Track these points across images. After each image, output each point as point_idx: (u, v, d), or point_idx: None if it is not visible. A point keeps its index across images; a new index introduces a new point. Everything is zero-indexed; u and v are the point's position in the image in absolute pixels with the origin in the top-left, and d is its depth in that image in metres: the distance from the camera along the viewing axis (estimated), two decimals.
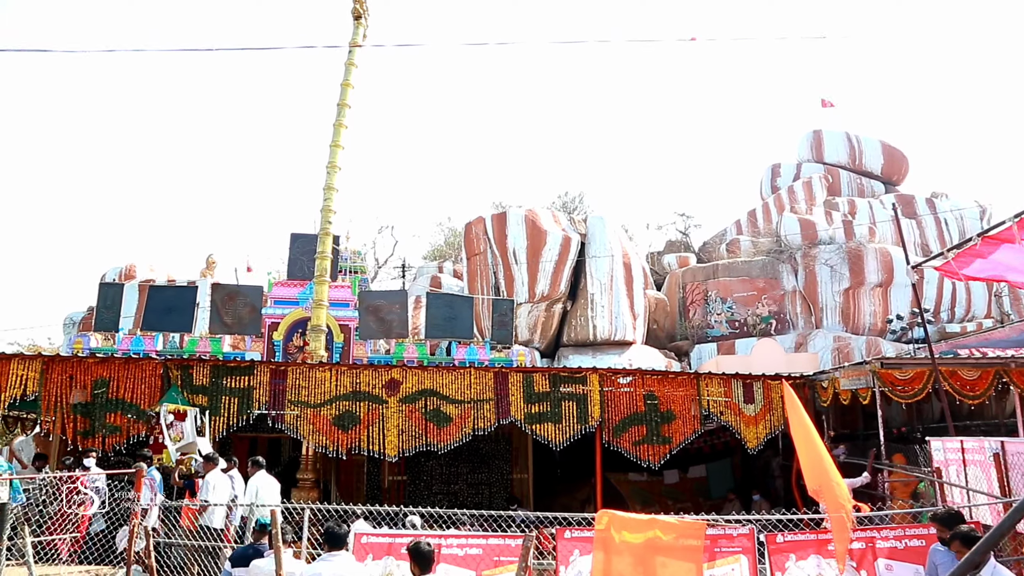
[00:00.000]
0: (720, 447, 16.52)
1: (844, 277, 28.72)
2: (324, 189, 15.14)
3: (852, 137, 39.28)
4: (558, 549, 7.75)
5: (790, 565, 7.29)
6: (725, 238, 35.21)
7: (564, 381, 12.30)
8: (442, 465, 16.06)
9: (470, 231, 26.81)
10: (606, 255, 24.93)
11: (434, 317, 17.45)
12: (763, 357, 19.85)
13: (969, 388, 11.49)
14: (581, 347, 24.59)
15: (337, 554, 5.98)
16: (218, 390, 12.17)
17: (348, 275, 18.97)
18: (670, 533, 7.21)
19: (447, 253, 38.10)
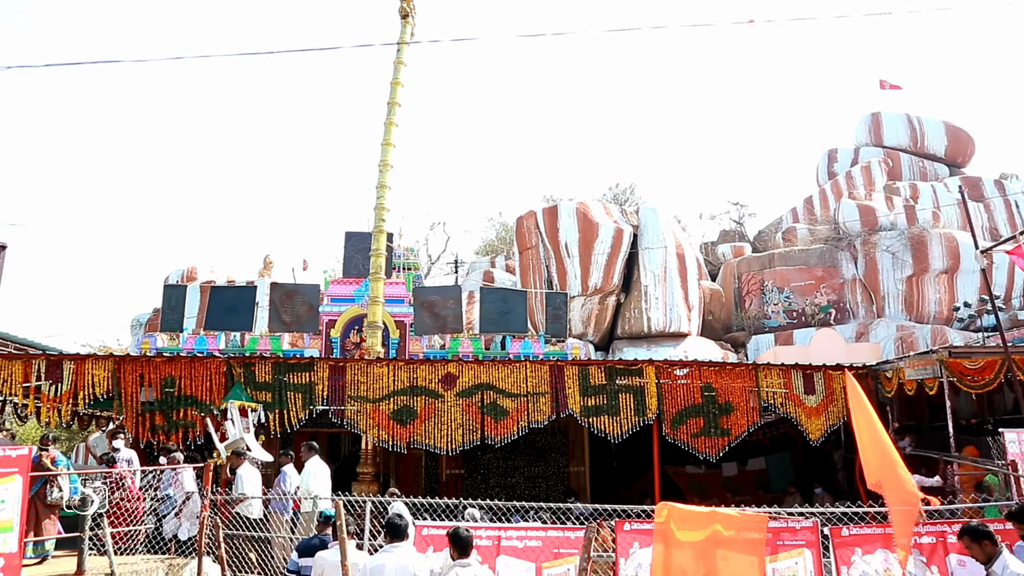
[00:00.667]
0: (780, 438, 16.26)
1: (907, 264, 27.90)
2: (377, 187, 15.35)
3: (913, 119, 38.09)
4: (618, 542, 7.74)
5: (856, 559, 7.15)
6: (781, 226, 34.53)
7: (620, 373, 12.26)
8: (499, 459, 16.17)
9: (521, 225, 26.84)
10: (659, 246, 24.70)
11: (488, 312, 17.54)
12: (822, 347, 19.42)
13: None
14: (635, 339, 24.42)
15: (399, 545, 6.12)
16: (280, 386, 12.46)
17: (402, 272, 19.19)
18: (731, 526, 7.13)
19: (499, 248, 38.21)
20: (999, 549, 5.58)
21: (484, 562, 7.53)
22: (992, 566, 5.55)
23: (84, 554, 8.17)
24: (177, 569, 9.19)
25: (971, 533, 5.70)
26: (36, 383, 12.31)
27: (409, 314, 17.12)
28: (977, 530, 5.68)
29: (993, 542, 5.60)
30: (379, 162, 15.44)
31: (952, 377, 11.03)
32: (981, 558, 5.67)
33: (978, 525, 5.77)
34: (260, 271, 26.99)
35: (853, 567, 7.15)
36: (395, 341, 16.69)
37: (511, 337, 16.91)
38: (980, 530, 5.67)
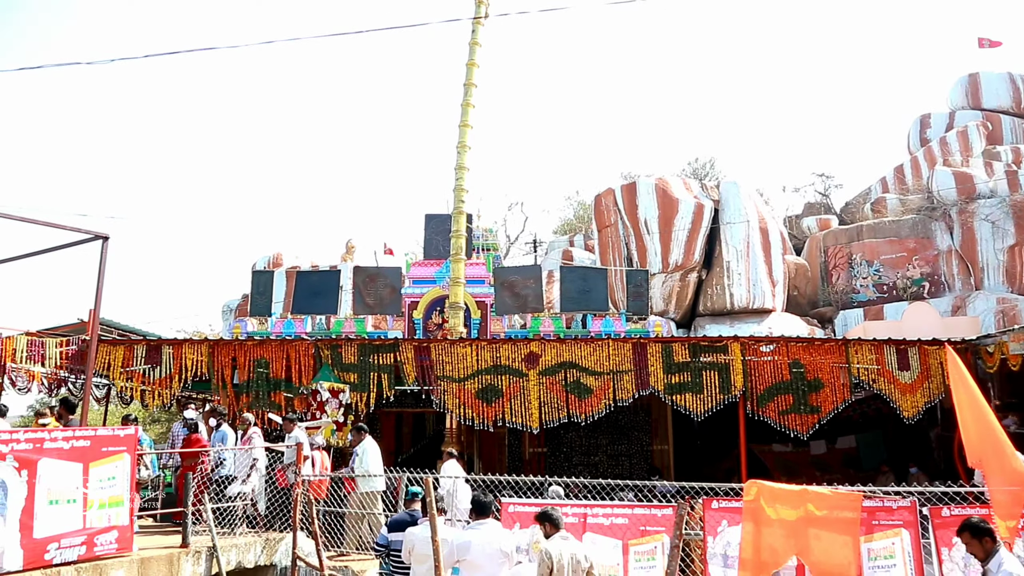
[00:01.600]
0: (872, 416, 15.77)
1: (1008, 233, 26.42)
2: (455, 169, 15.51)
3: (1016, 77, 35.87)
4: (705, 519, 7.69)
5: (958, 541, 6.90)
6: (870, 197, 33.20)
7: (704, 351, 12.11)
8: (581, 437, 16.25)
9: (599, 203, 26.63)
10: (741, 221, 24.13)
11: (568, 290, 17.54)
12: (915, 322, 18.63)
13: None
14: (718, 316, 24.01)
15: (485, 522, 6.29)
16: (366, 367, 12.82)
17: (481, 253, 19.36)
18: (824, 505, 6.99)
19: (577, 227, 38.03)
20: (997, 546, 5.48)
21: None
22: (988, 563, 5.45)
23: (188, 528, 8.62)
24: (273, 544, 9.60)
25: (971, 529, 5.62)
26: (138, 368, 13.03)
27: (490, 294, 17.29)
28: (978, 527, 5.60)
29: (993, 539, 5.54)
30: (457, 144, 15.59)
31: None
32: (980, 554, 5.58)
33: (979, 521, 5.68)
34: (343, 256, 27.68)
35: (955, 548, 6.92)
36: (476, 321, 16.89)
37: (592, 315, 16.88)
38: (980, 527, 5.59)
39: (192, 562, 8.31)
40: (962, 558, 6.86)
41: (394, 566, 7.34)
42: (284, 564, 9.53)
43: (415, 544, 6.69)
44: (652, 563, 7.49)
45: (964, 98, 36.64)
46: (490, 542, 6.17)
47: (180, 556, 8.16)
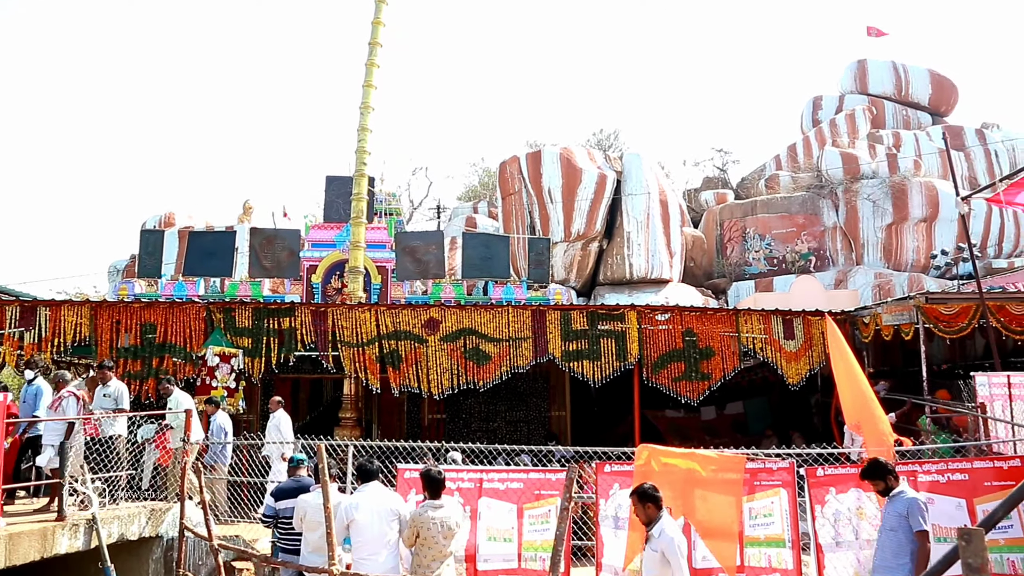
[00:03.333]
0: (759, 383, 16.51)
1: (887, 212, 28.04)
2: (358, 130, 15.11)
3: (899, 66, 37.80)
4: (598, 483, 7.88)
5: (830, 498, 7.33)
6: (764, 174, 34.47)
7: (602, 319, 12.32)
8: (480, 403, 16.31)
9: (504, 170, 26.61)
10: (642, 193, 24.62)
11: (470, 257, 17.50)
12: (802, 294, 19.57)
13: (1016, 323, 11.28)
14: (617, 285, 24.52)
15: (370, 485, 6.27)
16: (260, 332, 12.43)
17: (384, 217, 19.04)
18: (710, 467, 7.28)
19: (482, 193, 37.92)
20: (660, 514, 5.54)
21: (467, 504, 7.65)
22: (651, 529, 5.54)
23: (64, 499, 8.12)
24: (159, 514, 9.22)
25: (638, 495, 5.63)
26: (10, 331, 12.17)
27: (391, 259, 17.04)
28: (645, 493, 5.60)
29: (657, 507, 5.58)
30: (360, 104, 15.17)
31: (928, 323, 11.19)
32: (643, 519, 5.63)
33: (648, 488, 5.66)
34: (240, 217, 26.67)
35: (827, 505, 7.34)
36: (377, 286, 16.64)
37: (493, 283, 16.91)
38: (648, 493, 5.59)
39: (69, 536, 7.84)
40: (832, 514, 7.28)
41: (281, 534, 7.18)
42: (171, 535, 9.16)
43: (307, 511, 6.56)
44: (546, 526, 7.63)
45: (853, 83, 38.36)
46: (379, 502, 6.16)
47: (55, 530, 7.70)
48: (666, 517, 5.65)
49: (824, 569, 7.18)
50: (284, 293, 17.66)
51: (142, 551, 8.96)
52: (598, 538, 7.79)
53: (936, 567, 3.23)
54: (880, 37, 36.97)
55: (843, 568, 7.17)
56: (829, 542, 7.28)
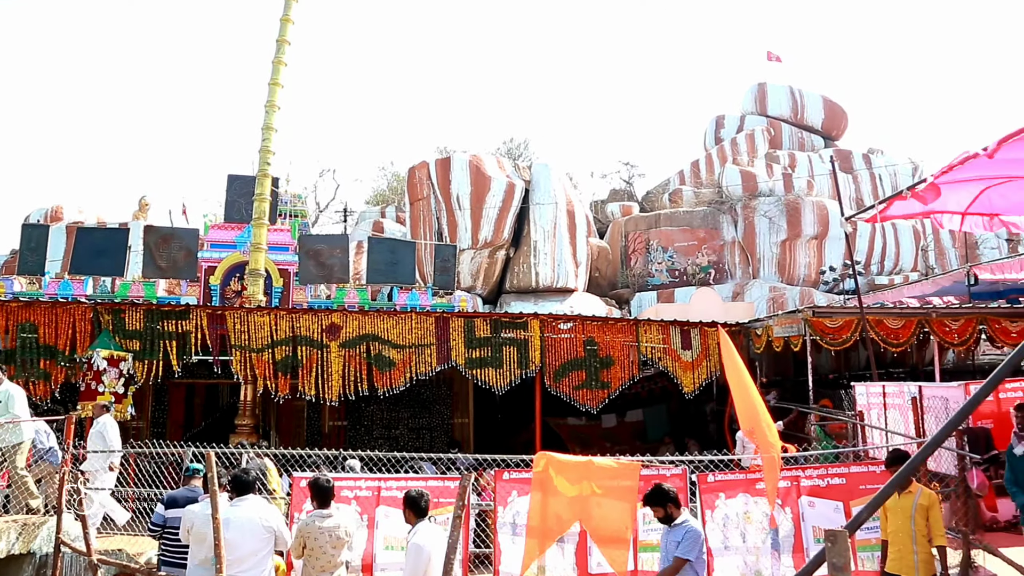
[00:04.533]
0: (658, 392, 16.92)
1: (782, 229, 29.37)
2: (263, 129, 14.70)
3: (795, 91, 39.74)
4: (496, 490, 7.90)
5: (719, 503, 7.57)
6: (668, 188, 35.52)
7: (505, 326, 12.37)
8: (383, 410, 16.11)
9: (413, 176, 26.44)
10: (550, 202, 24.94)
11: (376, 262, 17.29)
12: (701, 305, 20.26)
13: (893, 336, 11.98)
14: (523, 294, 24.74)
15: (246, 498, 6.01)
16: (152, 335, 11.89)
17: (288, 219, 18.59)
18: (606, 474, 7.39)
19: (390, 198, 37.55)
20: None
21: (364, 512, 7.53)
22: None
23: None
24: (32, 529, 8.64)
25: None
26: None
27: (294, 262, 16.65)
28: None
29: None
30: (266, 102, 14.77)
31: (815, 335, 11.75)
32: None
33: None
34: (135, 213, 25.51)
35: (716, 510, 7.58)
36: (278, 290, 16.22)
37: (399, 288, 16.75)
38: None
39: None
40: (722, 518, 7.52)
41: (167, 547, 6.83)
42: (46, 551, 8.58)
43: (195, 523, 6.29)
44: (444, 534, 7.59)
45: (754, 104, 40.06)
46: (250, 518, 5.88)
47: None
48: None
49: (713, 572, 7.39)
50: (180, 295, 17.00)
51: (10, 571, 8.36)
52: (496, 545, 7.80)
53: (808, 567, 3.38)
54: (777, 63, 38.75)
55: (731, 571, 7.40)
56: (718, 546, 7.51)
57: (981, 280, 17.05)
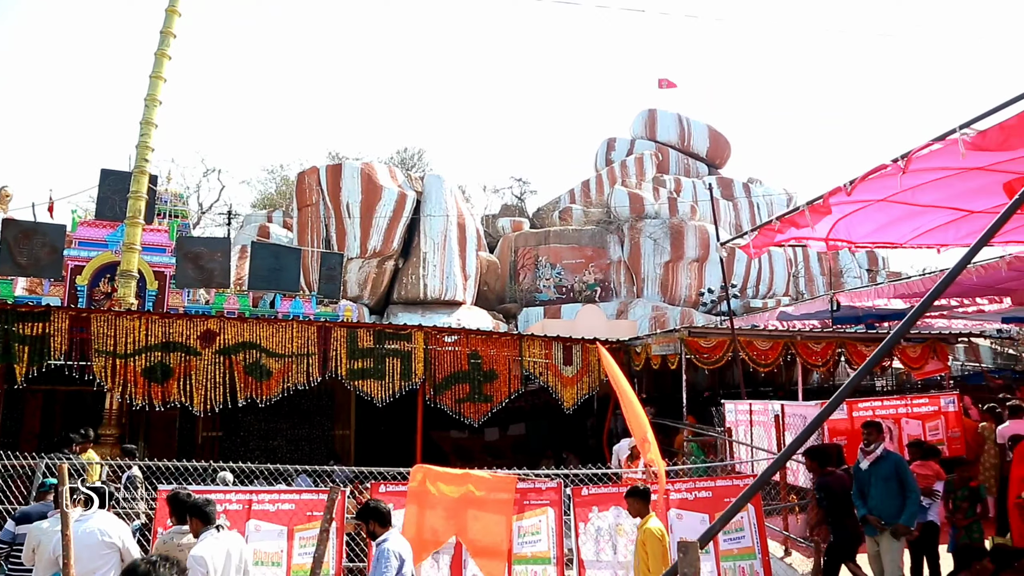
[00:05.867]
0: (540, 406, 17.14)
1: (665, 251, 30.47)
2: (141, 123, 14.03)
3: (683, 119, 41.41)
4: None
5: (592, 516, 7.73)
6: (559, 206, 36.21)
7: (389, 338, 12.24)
8: (260, 421, 15.59)
9: (303, 181, 25.83)
10: (441, 215, 24.92)
11: (259, 268, 16.77)
12: (586, 322, 20.68)
13: (762, 357, 12.63)
14: (411, 305, 24.56)
15: (92, 514, 5.66)
16: (6, 337, 11.08)
17: (167, 219, 17.80)
18: (483, 487, 7.44)
19: (278, 202, 36.50)
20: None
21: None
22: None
23: None
24: None
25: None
26: None
27: (171, 265, 15.92)
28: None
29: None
30: (146, 96, 14.10)
31: (690, 354, 12.23)
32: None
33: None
34: None
35: (590, 523, 7.74)
36: (152, 293, 15.47)
37: (282, 296, 16.30)
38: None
39: None
40: (595, 531, 7.68)
41: (12, 567, 6.33)
42: None
43: (40, 540, 5.85)
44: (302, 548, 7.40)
45: (644, 129, 41.47)
46: (91, 533, 5.53)
47: None
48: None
49: None
50: (42, 295, 15.92)
51: None
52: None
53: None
54: (669, 88, 40.33)
55: None
56: (591, 558, 7.66)
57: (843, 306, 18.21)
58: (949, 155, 5.21)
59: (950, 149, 5.14)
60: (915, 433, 10.62)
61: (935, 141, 5.26)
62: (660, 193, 33.74)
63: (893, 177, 6.05)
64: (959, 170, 6.26)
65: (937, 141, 5.23)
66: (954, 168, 6.24)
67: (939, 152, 5.30)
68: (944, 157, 5.38)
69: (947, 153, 5.23)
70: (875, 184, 6.39)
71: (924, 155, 5.46)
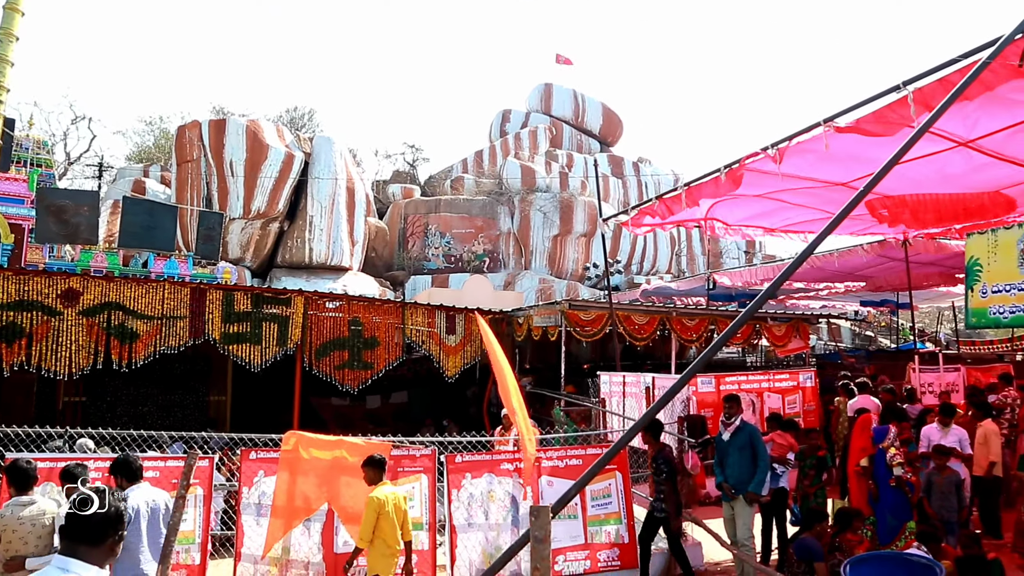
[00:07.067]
0: (423, 374, 17.16)
1: (555, 224, 30.91)
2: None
3: (578, 95, 41.88)
4: (241, 470, 7.64)
5: (465, 483, 7.86)
6: (451, 175, 36.05)
7: (267, 302, 11.91)
8: (129, 385, 14.88)
9: (183, 135, 24.51)
10: (330, 177, 24.30)
11: (131, 224, 15.87)
12: (473, 292, 20.79)
13: (639, 331, 13.10)
14: (296, 269, 23.93)
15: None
16: None
17: (26, 167, 16.53)
18: (356, 453, 7.42)
19: (156, 156, 34.56)
20: None
21: None
22: None
23: None
24: None
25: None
26: None
27: (29, 217, 14.86)
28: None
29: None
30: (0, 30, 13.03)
31: (570, 326, 12.53)
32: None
33: None
34: None
35: (463, 490, 7.86)
36: (8, 247, 14.41)
37: (155, 255, 15.53)
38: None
39: None
40: (467, 497, 7.82)
41: None
42: None
43: None
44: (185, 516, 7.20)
45: (540, 103, 41.70)
46: None
47: None
48: None
49: (456, 548, 7.67)
50: None
51: None
52: (239, 527, 7.54)
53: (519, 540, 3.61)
54: (567, 65, 40.66)
55: (472, 547, 7.71)
56: (462, 523, 7.79)
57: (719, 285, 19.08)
58: (815, 143, 5.62)
59: (816, 139, 5.57)
60: (775, 406, 11.35)
61: (801, 132, 5.68)
62: (552, 167, 34.11)
63: (766, 175, 6.49)
64: (825, 183, 6.83)
65: (803, 133, 5.64)
66: (820, 181, 6.83)
67: (806, 143, 5.75)
68: (812, 145, 5.81)
69: (813, 142, 5.66)
70: (752, 177, 6.79)
71: (789, 147, 5.90)
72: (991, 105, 5.16)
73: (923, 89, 4.74)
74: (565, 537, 7.91)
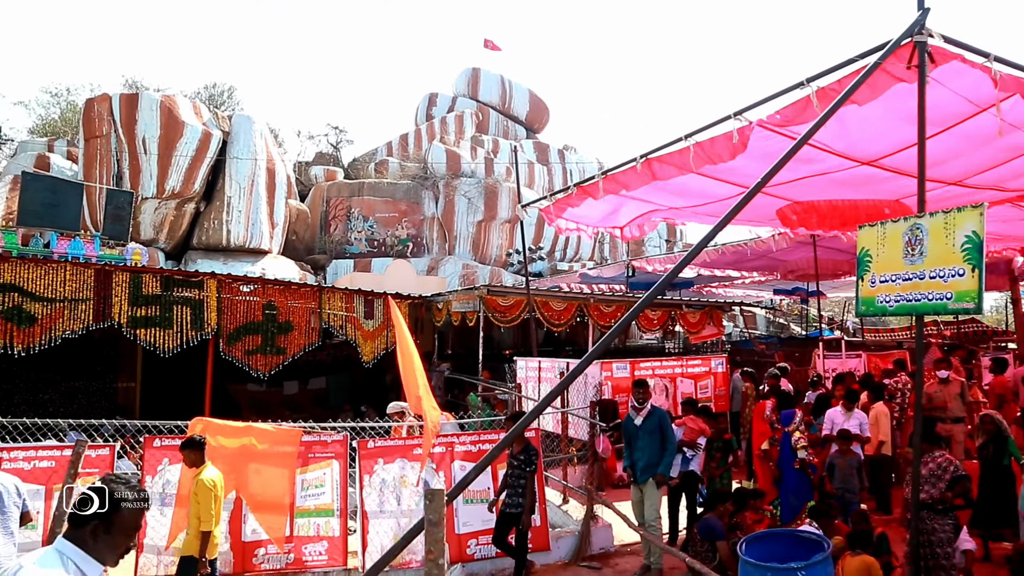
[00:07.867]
0: (342, 360, 16.98)
1: (479, 210, 30.89)
2: None
3: (506, 81, 41.83)
4: (145, 458, 7.46)
5: (378, 468, 7.86)
6: (375, 158, 35.56)
7: (178, 284, 11.56)
8: (27, 371, 14.25)
9: (92, 109, 23.36)
10: (249, 157, 23.62)
11: (31, 202, 15.13)
12: (396, 277, 20.62)
13: (557, 317, 13.27)
14: (212, 252, 23.21)
15: None
16: None
17: None
18: (265, 440, 7.32)
19: (62, 130, 32.93)
20: None
21: None
22: None
23: None
24: None
25: None
26: None
27: None
28: None
29: None
30: None
31: (488, 312, 12.59)
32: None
33: None
34: None
35: (375, 475, 7.86)
36: None
37: (59, 235, 14.85)
38: None
39: None
40: (379, 483, 7.81)
41: None
42: None
43: None
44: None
45: (466, 87, 41.47)
46: None
47: None
48: None
49: (368, 534, 7.66)
50: None
51: None
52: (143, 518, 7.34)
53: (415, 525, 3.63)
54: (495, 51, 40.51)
55: (385, 533, 7.72)
56: (375, 509, 7.79)
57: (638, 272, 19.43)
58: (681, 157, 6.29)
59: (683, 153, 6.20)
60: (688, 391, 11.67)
61: (668, 144, 6.45)
62: (478, 152, 34.04)
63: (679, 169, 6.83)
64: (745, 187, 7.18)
65: (670, 145, 6.42)
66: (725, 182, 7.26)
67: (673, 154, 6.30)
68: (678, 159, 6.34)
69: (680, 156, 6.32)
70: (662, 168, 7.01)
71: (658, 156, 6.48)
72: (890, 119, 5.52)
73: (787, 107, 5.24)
74: (476, 521, 7.99)
